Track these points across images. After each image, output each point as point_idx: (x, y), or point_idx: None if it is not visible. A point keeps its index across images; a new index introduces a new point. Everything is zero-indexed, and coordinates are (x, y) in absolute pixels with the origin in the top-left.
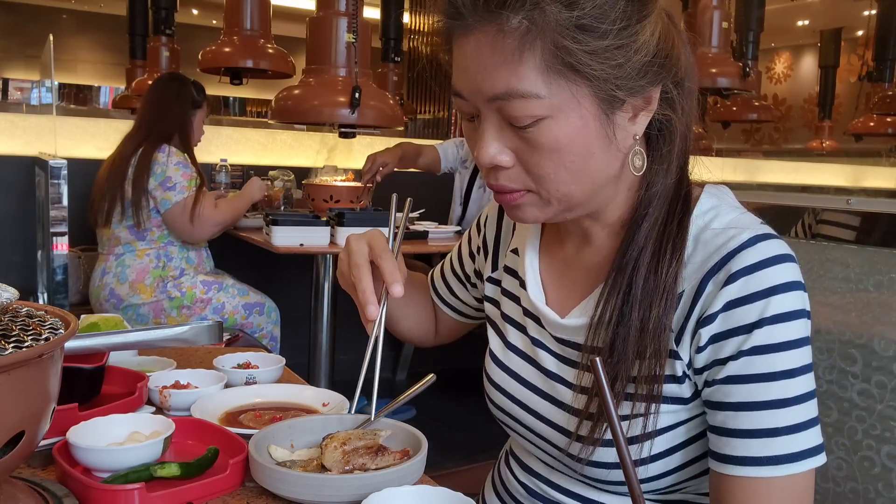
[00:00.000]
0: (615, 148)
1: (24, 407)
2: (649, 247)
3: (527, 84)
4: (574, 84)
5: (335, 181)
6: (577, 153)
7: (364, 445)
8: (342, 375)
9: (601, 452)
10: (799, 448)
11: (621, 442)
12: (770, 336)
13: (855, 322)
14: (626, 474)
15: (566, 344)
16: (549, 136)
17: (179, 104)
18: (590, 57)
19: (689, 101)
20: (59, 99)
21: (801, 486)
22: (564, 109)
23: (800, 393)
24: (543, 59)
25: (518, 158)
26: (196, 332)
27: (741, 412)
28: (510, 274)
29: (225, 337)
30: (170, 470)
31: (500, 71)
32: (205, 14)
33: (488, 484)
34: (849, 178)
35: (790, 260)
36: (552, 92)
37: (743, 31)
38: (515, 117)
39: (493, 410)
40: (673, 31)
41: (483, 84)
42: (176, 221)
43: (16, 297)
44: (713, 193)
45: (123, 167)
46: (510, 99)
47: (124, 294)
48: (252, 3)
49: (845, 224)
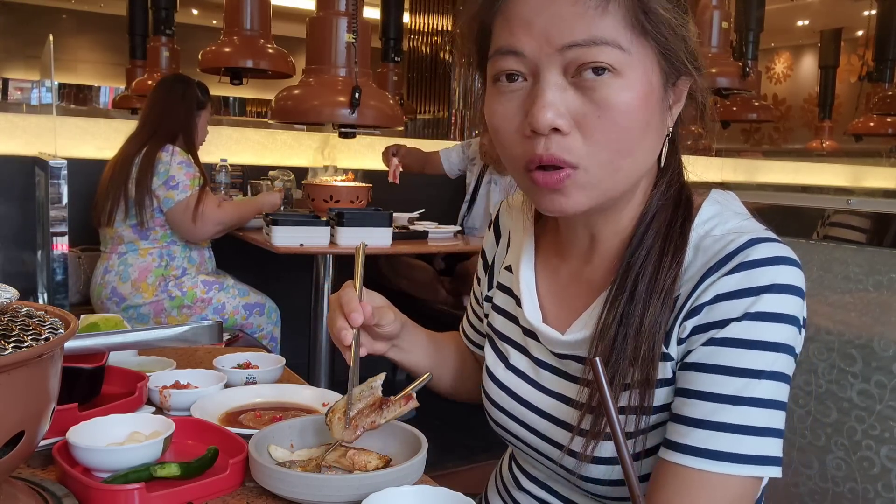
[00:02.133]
0: (664, 127)
1: (24, 407)
2: (655, 249)
3: (611, 33)
4: (648, 47)
5: (335, 181)
6: (640, 119)
7: (366, 405)
8: (342, 375)
9: (592, 469)
10: (745, 451)
11: (621, 442)
12: (747, 331)
13: (855, 322)
14: (626, 474)
15: (568, 358)
16: (620, 96)
17: (184, 105)
18: (668, 22)
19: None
20: (59, 99)
21: (736, 492)
22: (637, 70)
23: (761, 397)
24: (626, 15)
25: (577, 124)
26: (196, 332)
27: (694, 400)
28: (503, 291)
29: (225, 337)
30: (170, 470)
31: (581, 20)
32: (205, 14)
33: (491, 485)
34: (849, 178)
35: (792, 264)
36: (631, 47)
37: (743, 30)
38: (592, 63)
39: (492, 425)
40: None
41: (559, 33)
42: (178, 220)
43: (16, 297)
44: (717, 201)
45: (127, 167)
46: (592, 45)
47: (126, 293)
48: (252, 3)
49: (847, 224)
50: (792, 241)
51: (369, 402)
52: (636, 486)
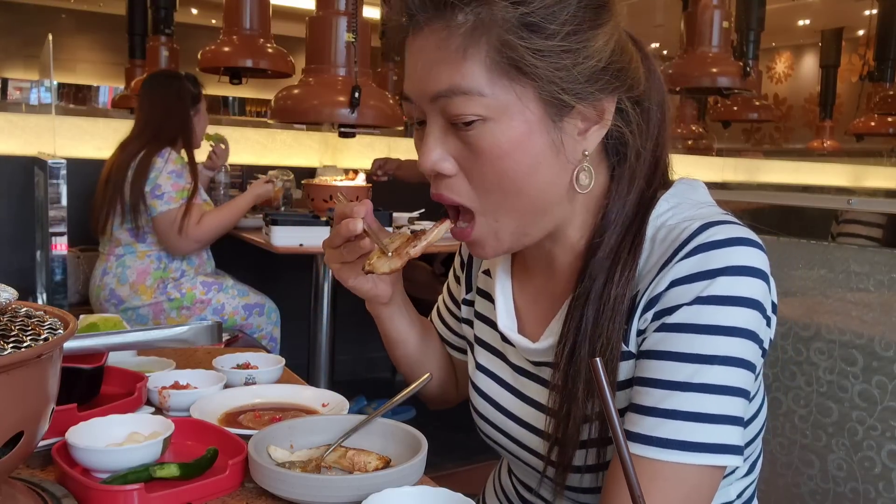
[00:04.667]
0: (563, 159)
1: (23, 407)
2: (613, 252)
3: (469, 80)
4: (519, 85)
5: (335, 181)
6: (521, 162)
7: (400, 244)
8: (342, 376)
9: (574, 478)
10: (698, 439)
11: (621, 443)
12: (698, 315)
13: (855, 322)
14: (626, 473)
15: (542, 365)
16: (492, 141)
17: (181, 103)
18: (535, 56)
19: (650, 122)
20: (59, 99)
21: (690, 482)
22: (508, 112)
23: (714, 383)
24: (488, 57)
25: (461, 167)
26: (195, 333)
27: (646, 388)
28: (483, 296)
29: (224, 337)
30: (169, 470)
31: (444, 67)
32: (204, 13)
33: (489, 487)
34: (850, 178)
35: (750, 245)
36: (495, 92)
37: (743, 30)
38: (457, 115)
39: (481, 436)
40: (632, 49)
41: (428, 82)
42: (162, 230)
43: (15, 298)
44: (677, 192)
45: (124, 171)
46: (452, 96)
47: (124, 295)
48: (252, 3)
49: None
50: (793, 241)
51: (403, 241)
52: (636, 486)
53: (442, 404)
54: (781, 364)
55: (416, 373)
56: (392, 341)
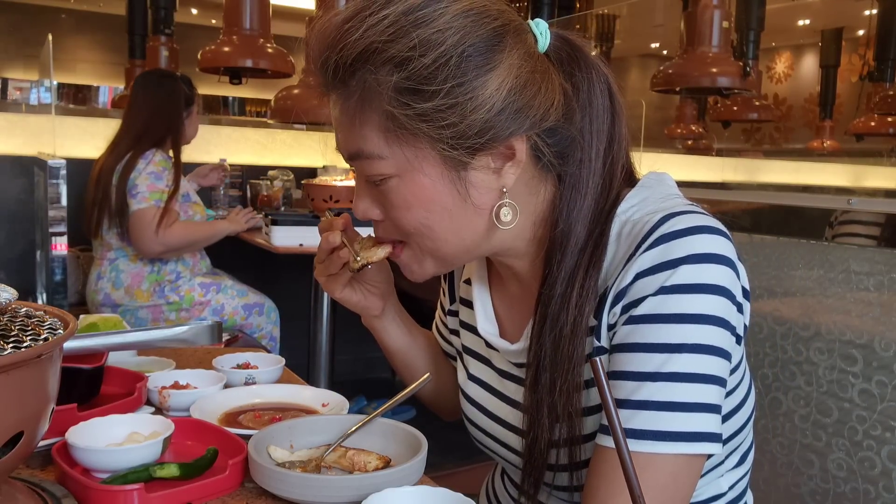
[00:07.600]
0: (473, 205)
1: (23, 407)
2: (572, 263)
3: (370, 145)
4: (413, 146)
5: (335, 181)
6: (431, 211)
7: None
8: (342, 376)
9: (561, 477)
10: (671, 428)
11: (620, 440)
12: (663, 305)
13: (855, 322)
14: (626, 474)
15: (524, 366)
16: (398, 195)
17: (172, 104)
18: (419, 120)
19: (593, 130)
20: (58, 99)
21: (667, 471)
22: (409, 169)
23: (684, 371)
24: (380, 122)
25: (385, 214)
26: (195, 333)
27: (617, 381)
28: (466, 305)
29: (224, 337)
30: (169, 470)
31: (349, 133)
32: (204, 13)
33: (482, 492)
34: (850, 178)
35: (712, 232)
36: (393, 153)
37: (743, 30)
38: (369, 175)
39: (474, 441)
40: (540, 78)
41: (342, 144)
42: (133, 230)
43: (14, 298)
44: (643, 187)
45: (110, 173)
46: (360, 159)
47: (119, 299)
48: (252, 3)
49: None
50: (793, 241)
51: (370, 244)
52: (636, 486)
53: (437, 411)
54: (781, 364)
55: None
56: (390, 352)
